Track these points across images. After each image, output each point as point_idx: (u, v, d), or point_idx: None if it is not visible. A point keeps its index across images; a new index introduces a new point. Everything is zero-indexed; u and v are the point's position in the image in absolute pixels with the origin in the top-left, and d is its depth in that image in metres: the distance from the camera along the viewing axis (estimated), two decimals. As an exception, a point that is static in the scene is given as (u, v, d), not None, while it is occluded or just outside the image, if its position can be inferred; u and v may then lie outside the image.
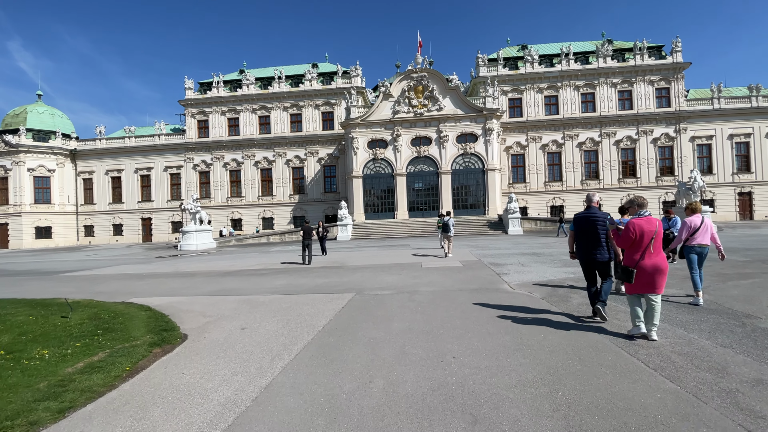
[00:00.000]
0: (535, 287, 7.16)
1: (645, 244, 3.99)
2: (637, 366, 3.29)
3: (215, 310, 6.29)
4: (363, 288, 7.72)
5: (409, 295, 6.82)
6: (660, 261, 4.00)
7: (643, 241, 3.99)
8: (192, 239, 26.39)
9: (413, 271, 9.83)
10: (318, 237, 14.57)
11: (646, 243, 3.99)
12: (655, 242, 4.00)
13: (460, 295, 6.57)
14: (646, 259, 3.98)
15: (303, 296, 7.14)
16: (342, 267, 11.55)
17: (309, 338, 4.44)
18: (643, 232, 3.99)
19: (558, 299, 6.11)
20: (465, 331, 4.41)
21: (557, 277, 8.12)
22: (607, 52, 39.23)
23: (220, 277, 10.44)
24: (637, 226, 4.02)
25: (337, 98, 41.70)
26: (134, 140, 45.26)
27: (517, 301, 6.04)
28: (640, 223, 4.04)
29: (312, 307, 6.10)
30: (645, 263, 3.98)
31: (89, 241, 45.33)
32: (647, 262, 3.98)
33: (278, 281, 9.20)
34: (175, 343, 4.56)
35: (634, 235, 4.02)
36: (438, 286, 7.56)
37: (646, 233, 3.99)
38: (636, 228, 4.02)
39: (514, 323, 4.73)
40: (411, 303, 6.13)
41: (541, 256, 12.20)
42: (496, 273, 8.97)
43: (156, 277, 11.23)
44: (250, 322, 5.36)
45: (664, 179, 38.69)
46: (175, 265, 14.30)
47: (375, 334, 4.50)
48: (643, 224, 4.03)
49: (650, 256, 3.99)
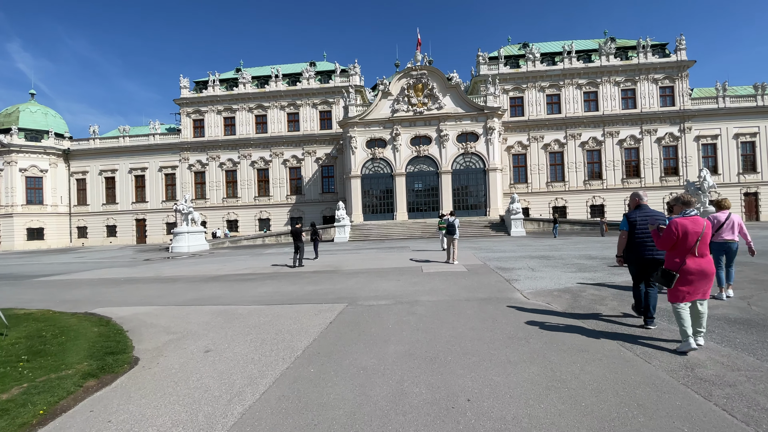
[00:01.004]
0: (552, 296, 6.28)
1: (689, 245, 3.63)
2: (721, 417, 2.41)
3: (183, 325, 5.40)
4: (357, 297, 6.83)
5: (408, 306, 5.93)
6: (706, 265, 3.65)
7: (687, 242, 3.63)
8: (184, 241, 25.47)
9: (413, 277, 8.94)
10: (311, 239, 13.67)
11: (690, 245, 3.63)
12: (701, 244, 3.65)
13: (467, 307, 5.69)
14: (690, 263, 3.62)
15: (288, 307, 6.25)
16: (336, 271, 10.65)
17: (284, 367, 3.55)
18: (687, 233, 3.63)
19: (583, 311, 5.23)
20: (479, 359, 3.52)
21: (574, 284, 7.23)
22: (609, 50, 38.46)
23: (202, 283, 9.54)
24: (680, 226, 3.65)
25: (335, 97, 40.86)
26: (128, 140, 44.37)
27: (536, 314, 5.16)
28: (683, 223, 3.67)
29: (295, 322, 5.21)
30: (689, 267, 3.61)
31: (82, 243, 44.40)
32: (692, 265, 3.62)
33: (264, 288, 8.30)
34: (119, 372, 3.67)
35: (675, 236, 3.66)
36: (441, 295, 6.68)
37: (690, 234, 3.63)
38: (678, 228, 3.65)
39: (538, 345, 3.85)
40: (411, 317, 5.24)
41: (551, 259, 11.31)
42: (506, 279, 8.07)
43: (134, 282, 10.33)
44: (219, 342, 4.47)
45: (668, 179, 37.89)
46: (160, 270, 13.39)
47: (367, 360, 3.61)
48: (688, 224, 3.67)
49: (695, 259, 3.63)
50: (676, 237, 3.67)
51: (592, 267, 9.47)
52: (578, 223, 30.21)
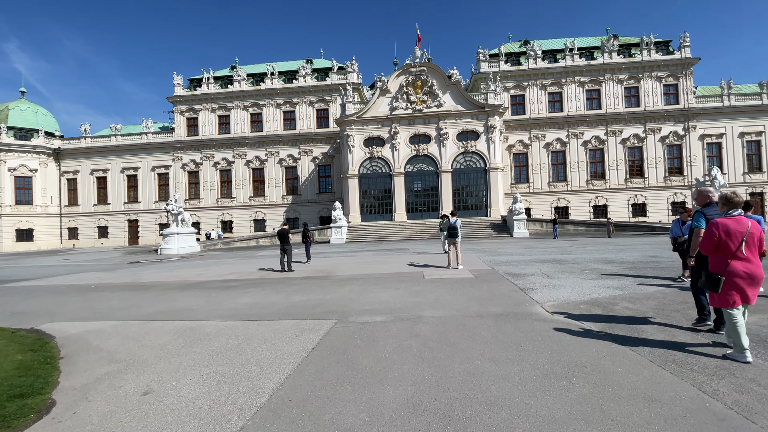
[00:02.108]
0: (580, 310, 5.28)
1: (733, 247, 3.42)
2: None
3: (134, 350, 4.39)
4: (348, 311, 5.82)
5: (409, 324, 4.93)
6: (754, 268, 3.40)
7: (730, 244, 3.43)
8: (173, 243, 24.41)
9: (414, 284, 7.94)
10: (302, 242, 12.64)
11: (734, 246, 3.42)
12: (748, 245, 3.42)
13: (481, 326, 4.69)
14: (736, 265, 3.40)
15: (265, 325, 5.23)
16: (328, 277, 9.63)
17: (237, 426, 2.55)
18: (729, 233, 3.43)
19: (625, 332, 4.23)
20: (510, 414, 2.51)
21: (602, 295, 6.24)
22: (612, 47, 37.61)
23: (177, 291, 8.51)
24: (721, 227, 3.47)
25: (333, 95, 39.87)
26: (120, 139, 43.26)
27: (568, 336, 4.16)
28: (725, 223, 3.48)
29: (270, 347, 4.20)
30: (737, 269, 3.39)
31: (73, 244, 43.26)
32: (738, 267, 3.39)
33: (244, 298, 7.28)
34: (15, 428, 2.67)
35: (717, 238, 3.47)
36: (448, 309, 5.67)
37: (732, 235, 3.42)
38: (719, 229, 3.46)
39: (586, 390, 2.86)
40: (413, 340, 4.23)
41: (565, 264, 10.32)
42: (520, 288, 7.07)
43: (103, 290, 9.28)
44: (166, 379, 3.46)
45: (672, 179, 37.06)
46: (138, 275, 12.34)
47: (354, 417, 2.60)
48: (730, 224, 3.47)
49: (740, 261, 3.41)
50: (717, 239, 3.45)
51: (614, 273, 8.50)
52: (582, 224, 29.27)
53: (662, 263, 9.81)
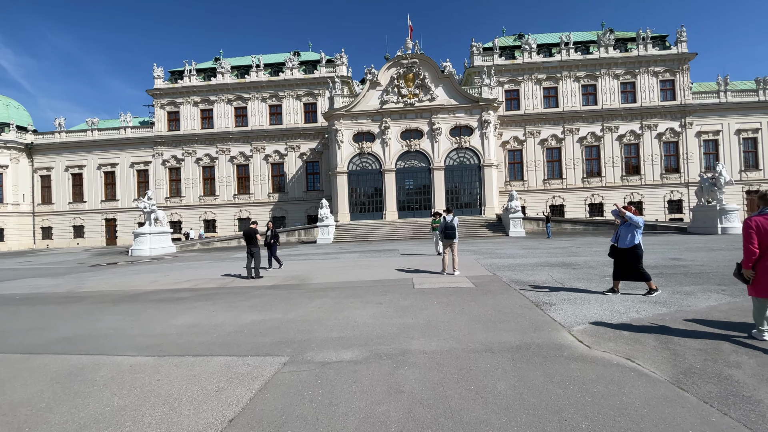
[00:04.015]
0: (624, 340, 3.84)
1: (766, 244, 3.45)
2: None
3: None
4: (309, 340, 4.29)
5: (390, 367, 3.42)
6: None
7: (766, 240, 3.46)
8: (145, 243, 22.57)
9: (401, 297, 6.45)
10: (265, 243, 11.03)
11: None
12: None
13: (493, 371, 3.21)
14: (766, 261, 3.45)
15: (187, 365, 3.69)
16: (300, 286, 8.09)
17: None
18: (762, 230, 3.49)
19: (712, 386, 2.79)
20: None
21: (644, 314, 4.80)
22: (608, 42, 36.59)
23: (110, 305, 6.89)
24: (754, 223, 3.56)
25: (321, 88, 38.19)
26: (97, 133, 41.02)
27: (635, 394, 2.71)
28: (759, 220, 3.57)
29: (169, 412, 2.68)
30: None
31: (47, 245, 40.94)
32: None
33: (183, 317, 5.69)
34: None
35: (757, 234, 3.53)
36: (444, 337, 4.19)
37: (765, 232, 3.48)
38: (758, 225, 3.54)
39: None
40: (392, 403, 2.73)
41: (577, 268, 8.90)
42: (533, 303, 5.60)
43: (23, 303, 7.61)
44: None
45: (669, 177, 36.27)
46: (82, 282, 10.62)
47: None
48: (762, 222, 3.53)
49: None
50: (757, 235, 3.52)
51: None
52: (580, 223, 28.09)
53: (690, 267, 8.45)
